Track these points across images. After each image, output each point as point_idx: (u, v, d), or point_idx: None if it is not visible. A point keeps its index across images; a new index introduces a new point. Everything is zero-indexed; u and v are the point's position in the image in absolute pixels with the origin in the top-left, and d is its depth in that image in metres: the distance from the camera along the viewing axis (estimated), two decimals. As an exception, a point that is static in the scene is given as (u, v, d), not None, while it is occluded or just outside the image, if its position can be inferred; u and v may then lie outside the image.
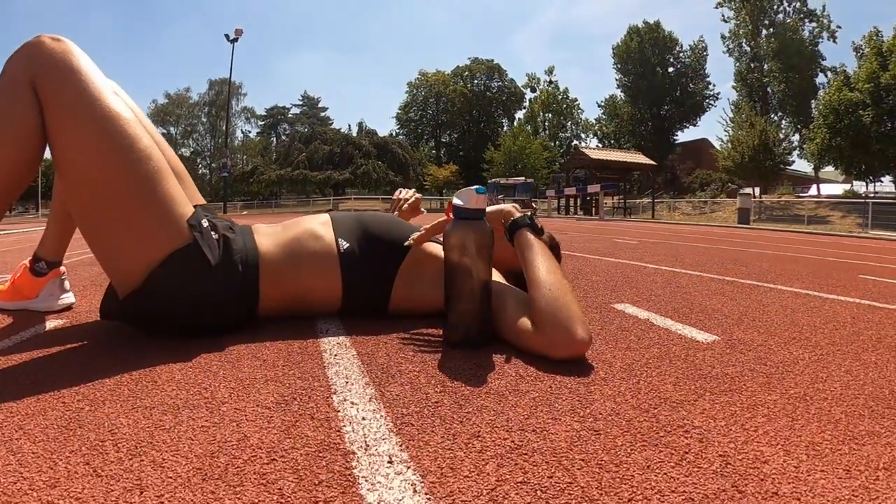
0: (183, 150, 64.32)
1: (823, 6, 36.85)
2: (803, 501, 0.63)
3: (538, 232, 1.36)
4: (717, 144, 34.14)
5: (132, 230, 1.25)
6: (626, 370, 1.11)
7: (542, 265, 1.25)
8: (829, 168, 28.62)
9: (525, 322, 1.21)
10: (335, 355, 1.18)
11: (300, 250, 1.43)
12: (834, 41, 36.37)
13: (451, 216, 1.24)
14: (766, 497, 0.63)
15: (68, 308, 1.73)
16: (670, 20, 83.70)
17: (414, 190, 2.12)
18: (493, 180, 29.86)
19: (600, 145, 47.68)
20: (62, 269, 1.74)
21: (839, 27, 36.18)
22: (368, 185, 46.86)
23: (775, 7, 37.96)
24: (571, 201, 25.01)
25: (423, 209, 2.11)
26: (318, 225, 1.51)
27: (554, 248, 1.82)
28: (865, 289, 2.50)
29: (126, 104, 1.32)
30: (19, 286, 1.70)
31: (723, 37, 40.68)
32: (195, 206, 1.38)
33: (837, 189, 32.77)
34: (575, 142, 55.75)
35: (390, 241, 1.49)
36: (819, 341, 1.41)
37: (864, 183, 28.37)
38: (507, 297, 1.31)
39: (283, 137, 61.77)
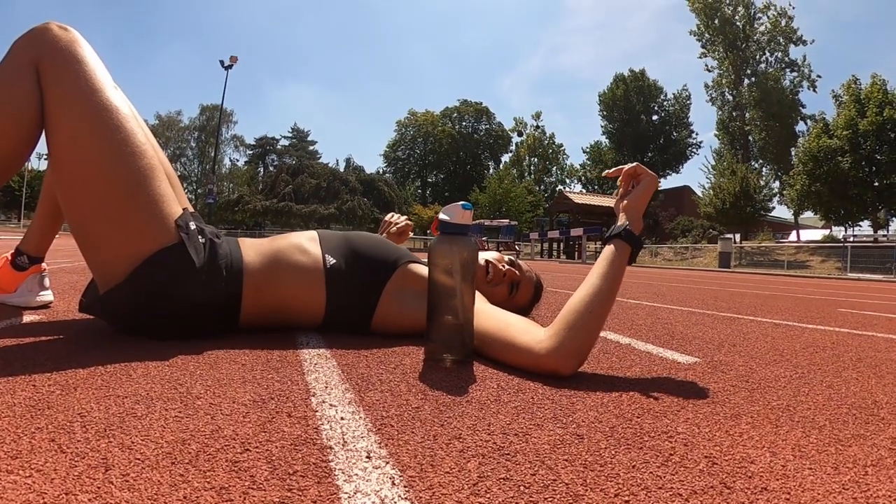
0: (170, 174, 64.29)
1: (804, 56, 38.20)
2: (793, 496, 0.61)
3: (633, 254, 1.24)
4: (698, 191, 34.75)
5: (120, 224, 1.24)
6: (608, 385, 1.10)
7: (606, 281, 1.18)
8: (809, 214, 29.23)
9: (515, 331, 1.21)
10: (315, 364, 1.15)
11: (286, 261, 1.41)
12: (814, 90, 37.63)
13: (437, 231, 1.23)
14: (756, 492, 0.62)
15: (46, 306, 1.69)
16: (655, 69, 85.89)
17: (406, 217, 2.14)
18: (478, 222, 30.07)
19: (584, 190, 48.35)
20: (44, 265, 1.71)
21: (819, 76, 37.42)
22: (353, 220, 46.96)
23: (758, 57, 39.21)
24: (554, 245, 25.20)
25: (411, 233, 2.13)
26: (306, 240, 1.49)
27: (538, 288, 1.85)
28: (845, 319, 2.56)
29: (125, 100, 1.32)
30: None
31: (706, 86, 41.87)
32: (183, 209, 1.37)
33: (817, 235, 33.41)
34: (559, 186, 56.55)
35: (377, 259, 1.48)
36: (800, 362, 1.43)
37: (842, 228, 28.96)
38: (491, 313, 1.30)
39: (271, 168, 62.01)
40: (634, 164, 1.30)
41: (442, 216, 1.21)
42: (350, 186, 46.95)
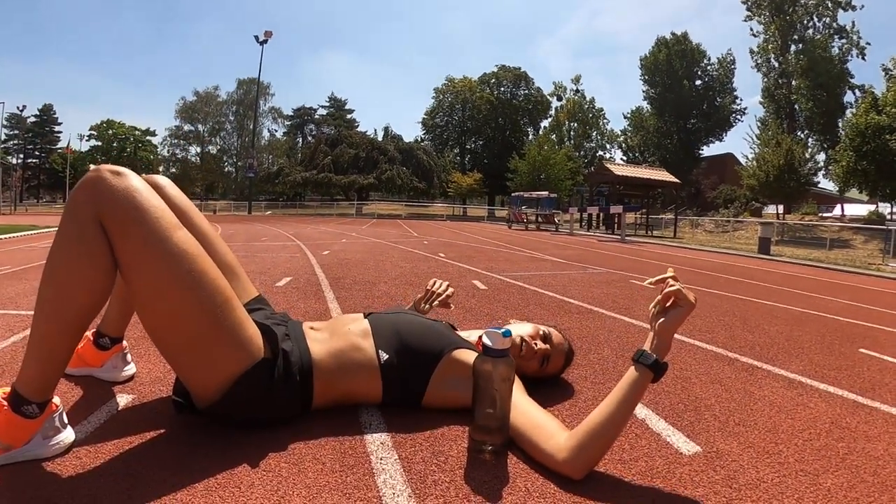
0: (210, 147, 65.54)
1: (853, 22, 36.41)
2: None
3: (655, 380, 1.41)
4: (742, 161, 33.98)
5: (207, 355, 1.46)
6: (613, 487, 1.39)
7: (624, 406, 1.40)
8: (856, 190, 28.37)
9: (542, 436, 1.47)
10: (381, 458, 1.46)
11: (347, 361, 1.69)
12: (863, 58, 35.97)
13: (480, 346, 1.50)
14: None
15: (130, 378, 1.99)
16: (698, 32, 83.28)
17: (448, 283, 2.34)
18: (517, 194, 30.21)
19: (625, 158, 47.57)
20: (124, 343, 1.99)
21: (868, 44, 35.80)
22: (392, 189, 47.08)
23: (805, 22, 37.64)
24: (594, 215, 25.13)
25: (452, 304, 2.32)
26: (360, 338, 1.74)
27: (568, 357, 2.08)
28: (860, 373, 2.59)
29: (190, 239, 1.45)
30: (83, 355, 1.94)
31: (751, 51, 40.44)
32: (253, 298, 1.71)
33: (862, 209, 32.43)
34: (600, 152, 55.70)
35: (424, 350, 1.74)
36: (789, 456, 1.60)
37: (889, 204, 28.08)
38: (524, 411, 1.55)
39: (310, 138, 62.53)
40: (677, 286, 1.39)
41: (486, 340, 1.48)
42: (389, 156, 47.08)
